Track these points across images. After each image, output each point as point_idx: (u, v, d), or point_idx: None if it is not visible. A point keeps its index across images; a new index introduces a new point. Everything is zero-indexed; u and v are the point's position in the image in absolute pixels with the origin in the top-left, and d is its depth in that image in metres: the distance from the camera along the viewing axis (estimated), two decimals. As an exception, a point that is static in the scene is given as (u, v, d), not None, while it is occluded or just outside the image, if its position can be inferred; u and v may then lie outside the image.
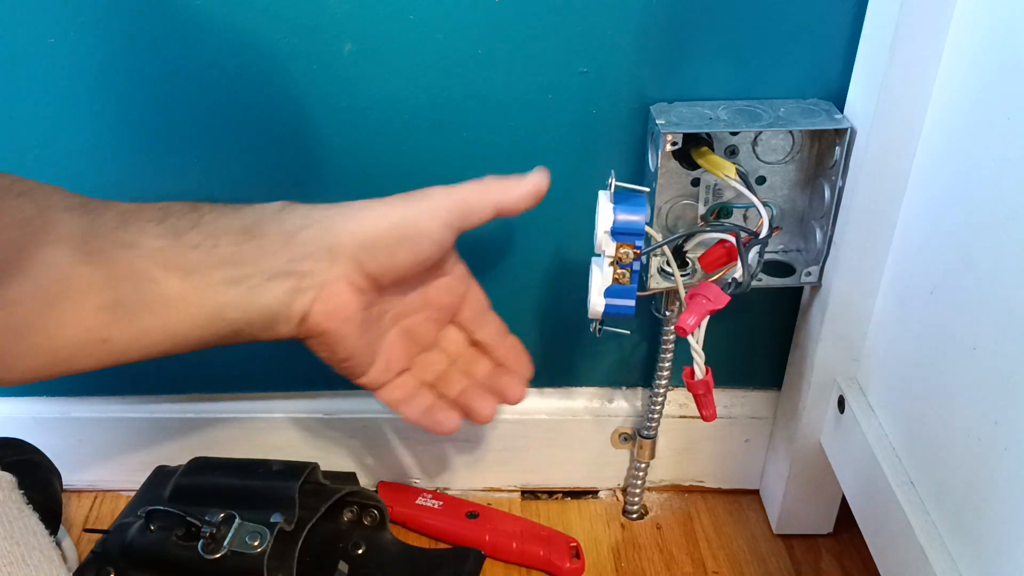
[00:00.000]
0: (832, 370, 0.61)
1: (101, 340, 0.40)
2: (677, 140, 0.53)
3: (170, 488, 0.66)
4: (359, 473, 0.73)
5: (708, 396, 0.54)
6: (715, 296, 0.49)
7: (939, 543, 0.48)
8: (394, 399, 0.50)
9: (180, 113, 0.57)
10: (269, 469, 0.66)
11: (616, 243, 0.47)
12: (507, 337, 0.52)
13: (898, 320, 0.55)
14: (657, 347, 0.64)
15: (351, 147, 0.58)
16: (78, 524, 0.74)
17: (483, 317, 0.52)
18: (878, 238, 0.55)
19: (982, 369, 0.45)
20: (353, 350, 0.45)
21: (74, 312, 0.39)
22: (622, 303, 0.48)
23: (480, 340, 0.52)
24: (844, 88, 0.55)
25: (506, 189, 0.45)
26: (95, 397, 0.72)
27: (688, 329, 0.48)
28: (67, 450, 0.71)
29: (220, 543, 0.58)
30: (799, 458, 0.66)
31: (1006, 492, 0.43)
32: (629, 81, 0.56)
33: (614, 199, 0.47)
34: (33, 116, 0.57)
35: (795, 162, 0.58)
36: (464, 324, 0.52)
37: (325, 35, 0.54)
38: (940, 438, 0.49)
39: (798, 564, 0.69)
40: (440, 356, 0.51)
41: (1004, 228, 0.43)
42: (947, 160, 0.48)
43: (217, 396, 0.72)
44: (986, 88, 0.45)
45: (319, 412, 0.72)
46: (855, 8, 0.53)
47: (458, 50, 0.54)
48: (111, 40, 0.54)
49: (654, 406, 0.67)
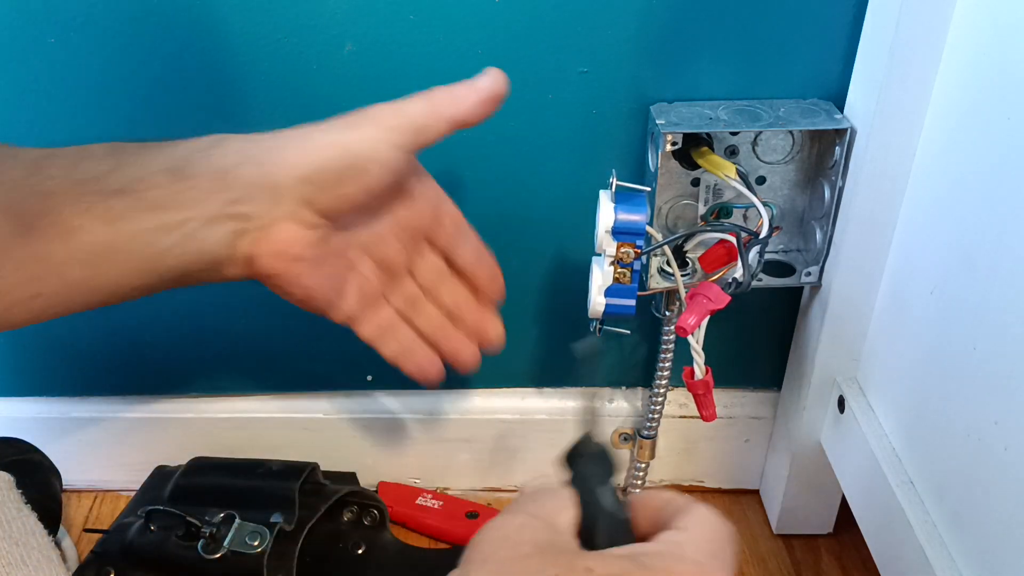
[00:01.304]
0: (832, 370, 0.61)
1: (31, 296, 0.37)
2: (677, 140, 0.53)
3: (170, 488, 0.66)
4: (359, 473, 0.73)
5: (708, 396, 0.54)
6: (716, 296, 0.49)
7: (939, 543, 0.48)
8: (371, 335, 0.46)
9: (180, 113, 0.57)
10: (269, 469, 0.66)
11: (617, 242, 0.47)
12: (484, 258, 0.48)
13: (898, 320, 0.55)
14: (657, 347, 0.64)
15: (351, 147, 0.58)
16: (78, 524, 0.74)
17: (458, 237, 0.48)
18: (878, 238, 0.55)
19: (982, 369, 0.45)
20: (309, 289, 0.42)
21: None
22: (622, 302, 0.48)
23: (456, 263, 0.48)
24: (844, 88, 0.55)
25: (457, 100, 0.42)
26: (95, 397, 0.72)
27: (689, 329, 0.48)
28: (67, 450, 0.71)
29: (220, 543, 0.58)
30: (799, 458, 0.66)
31: (1006, 492, 0.43)
32: (629, 81, 0.56)
33: (615, 198, 0.47)
34: (34, 116, 0.57)
35: (795, 162, 0.58)
36: (439, 245, 0.48)
37: (325, 35, 0.54)
38: (940, 438, 0.49)
39: (798, 564, 0.69)
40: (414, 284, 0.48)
41: (1004, 228, 0.43)
42: (947, 160, 0.48)
43: (217, 396, 0.72)
44: (986, 88, 0.45)
45: (319, 412, 0.72)
46: (855, 8, 0.53)
47: (458, 50, 0.54)
48: (111, 41, 0.54)
49: (654, 406, 0.67)
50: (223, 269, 0.40)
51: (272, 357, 0.69)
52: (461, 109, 0.42)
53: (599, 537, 0.32)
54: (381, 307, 0.46)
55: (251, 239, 0.39)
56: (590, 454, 0.38)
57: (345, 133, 0.40)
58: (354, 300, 0.44)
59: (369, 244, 0.45)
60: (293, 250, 0.40)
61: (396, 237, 0.45)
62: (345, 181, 0.40)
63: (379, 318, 0.46)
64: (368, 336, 0.46)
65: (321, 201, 0.40)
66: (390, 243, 0.45)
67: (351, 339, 0.45)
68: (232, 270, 0.40)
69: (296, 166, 0.39)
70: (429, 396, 0.71)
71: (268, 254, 0.39)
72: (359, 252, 0.45)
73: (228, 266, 0.40)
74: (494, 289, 0.48)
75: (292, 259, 0.40)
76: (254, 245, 0.39)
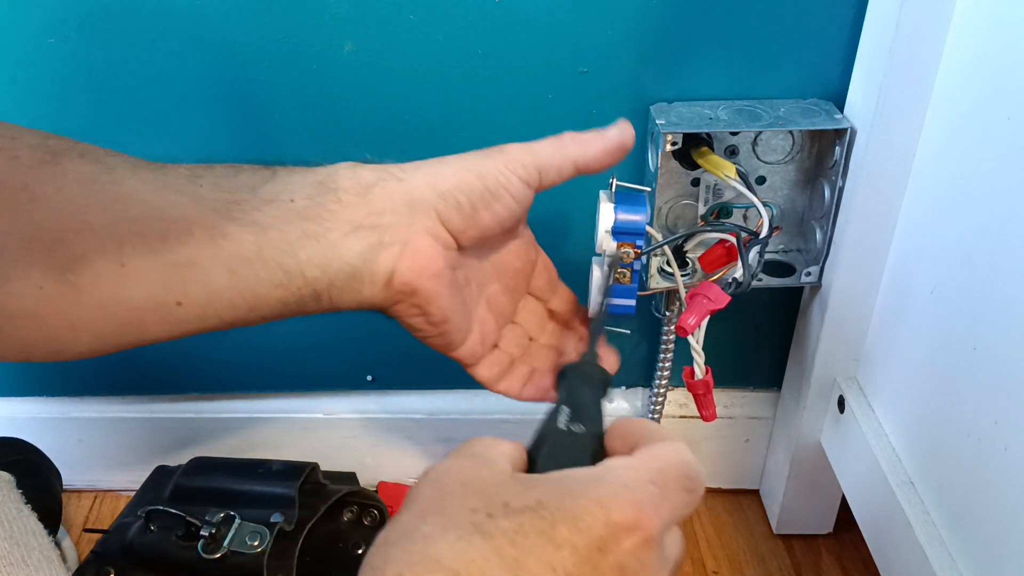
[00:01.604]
0: (832, 370, 0.61)
1: (175, 302, 0.37)
2: (677, 140, 0.53)
3: (170, 488, 0.66)
4: (359, 473, 0.73)
5: (708, 396, 0.54)
6: (716, 296, 0.49)
7: (939, 543, 0.48)
8: (492, 375, 0.46)
9: (179, 114, 0.57)
10: (269, 469, 0.66)
11: (617, 242, 0.47)
12: (579, 307, 0.50)
13: (898, 320, 0.55)
14: (657, 347, 0.64)
15: (351, 147, 0.58)
16: (78, 524, 0.74)
17: (555, 284, 0.49)
18: (878, 238, 0.55)
19: (982, 369, 0.45)
20: (448, 312, 0.42)
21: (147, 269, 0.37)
22: (623, 303, 0.48)
23: (554, 309, 0.49)
24: (844, 88, 0.55)
25: (584, 145, 0.43)
26: (95, 397, 0.72)
27: (689, 329, 0.48)
28: (67, 450, 0.71)
29: (220, 543, 0.58)
30: (799, 458, 0.66)
31: (1006, 492, 0.43)
32: (629, 81, 0.56)
33: (615, 198, 0.47)
34: (34, 116, 0.57)
35: (795, 162, 0.58)
36: (537, 293, 0.49)
37: (325, 35, 0.54)
38: (940, 438, 0.49)
39: (798, 564, 0.69)
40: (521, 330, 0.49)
41: (1004, 228, 0.43)
42: (947, 160, 0.48)
43: (217, 396, 0.72)
44: (986, 88, 0.45)
45: (319, 412, 0.72)
46: (855, 8, 0.53)
47: (458, 50, 0.54)
48: (111, 41, 0.54)
49: (654, 406, 0.67)
50: (361, 287, 0.40)
51: (272, 357, 0.69)
52: (587, 154, 0.43)
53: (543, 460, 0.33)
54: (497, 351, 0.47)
55: (391, 253, 0.40)
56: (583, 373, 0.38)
57: (481, 162, 0.41)
58: (478, 338, 0.45)
59: (482, 284, 0.46)
60: (434, 266, 0.41)
61: (503, 279, 0.47)
62: (479, 206, 0.41)
63: (498, 361, 0.47)
64: (488, 378, 0.46)
65: (455, 221, 0.41)
66: (498, 285, 0.47)
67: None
68: (370, 289, 0.40)
69: (435, 184, 0.40)
70: (429, 396, 0.71)
71: (409, 269, 0.40)
72: (477, 291, 0.46)
73: (367, 283, 0.40)
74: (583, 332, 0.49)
75: (433, 275, 0.41)
76: (395, 260, 0.40)
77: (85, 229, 0.35)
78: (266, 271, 0.38)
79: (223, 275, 0.38)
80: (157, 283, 0.37)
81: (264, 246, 0.38)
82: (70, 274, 0.35)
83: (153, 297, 0.37)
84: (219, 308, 0.39)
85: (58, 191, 0.35)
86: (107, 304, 0.37)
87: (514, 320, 0.49)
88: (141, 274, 0.37)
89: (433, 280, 0.41)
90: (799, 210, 0.60)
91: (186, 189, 0.38)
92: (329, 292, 0.40)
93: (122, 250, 0.36)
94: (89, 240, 0.36)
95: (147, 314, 0.37)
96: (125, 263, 0.36)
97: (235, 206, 0.38)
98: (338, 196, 0.39)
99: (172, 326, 0.38)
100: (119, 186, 0.37)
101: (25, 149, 0.35)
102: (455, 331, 0.44)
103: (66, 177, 0.36)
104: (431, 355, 0.50)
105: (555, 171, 0.42)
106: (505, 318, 0.48)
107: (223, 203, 0.38)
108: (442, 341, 0.44)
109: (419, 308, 0.41)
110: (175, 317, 0.38)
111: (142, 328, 0.38)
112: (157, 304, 0.37)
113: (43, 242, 0.35)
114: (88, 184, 0.36)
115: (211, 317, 0.39)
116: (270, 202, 0.39)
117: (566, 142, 0.43)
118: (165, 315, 0.38)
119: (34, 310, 0.35)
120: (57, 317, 0.36)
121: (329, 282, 0.40)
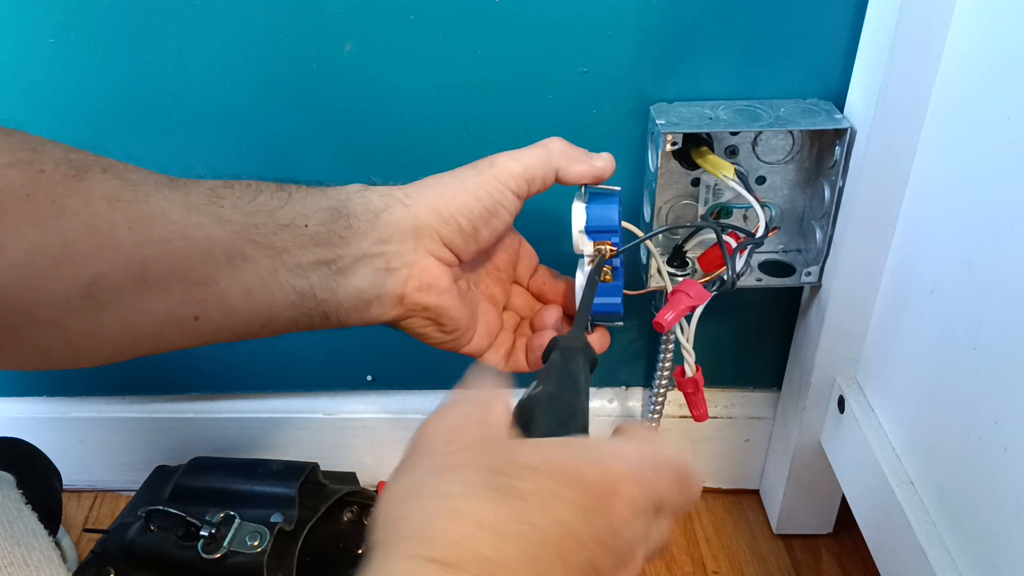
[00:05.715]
0: (832, 370, 0.61)
1: (193, 317, 0.39)
2: (677, 140, 0.53)
3: (170, 488, 0.66)
4: (359, 473, 0.73)
5: (698, 395, 0.54)
6: (696, 293, 0.49)
7: (939, 543, 0.48)
8: (499, 357, 0.50)
9: (179, 114, 0.57)
10: (269, 469, 0.66)
11: (592, 241, 0.47)
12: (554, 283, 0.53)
13: (898, 320, 0.55)
14: (657, 347, 0.64)
15: (351, 147, 0.58)
16: (78, 524, 0.74)
17: (536, 268, 0.53)
18: (878, 238, 0.55)
19: (982, 369, 0.45)
20: (458, 321, 0.45)
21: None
22: (608, 301, 0.48)
23: (535, 288, 0.52)
24: (844, 88, 0.55)
25: (571, 159, 0.45)
26: (95, 397, 0.72)
27: (666, 325, 0.48)
28: (67, 450, 0.71)
29: (220, 543, 0.58)
30: (799, 458, 0.66)
31: (1006, 492, 0.43)
32: (629, 81, 0.56)
33: (587, 199, 0.47)
34: (34, 116, 0.57)
35: (795, 162, 0.58)
36: (521, 279, 0.52)
37: (325, 35, 0.54)
38: (940, 438, 0.49)
39: (798, 564, 0.69)
40: (514, 314, 0.52)
41: (1004, 228, 0.43)
42: (947, 160, 0.48)
43: (217, 396, 0.72)
44: (986, 88, 0.45)
45: (319, 412, 0.72)
46: (855, 8, 0.53)
47: (458, 50, 0.54)
48: (111, 41, 0.54)
49: (654, 406, 0.67)
50: (369, 309, 0.43)
51: (272, 357, 0.70)
52: (569, 169, 0.45)
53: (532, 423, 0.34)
54: (500, 334, 0.50)
55: (399, 277, 0.42)
56: (570, 347, 0.39)
57: (475, 179, 0.44)
58: (484, 333, 0.48)
59: (478, 283, 0.49)
60: (440, 283, 0.43)
61: (495, 273, 0.50)
62: (479, 225, 0.43)
63: (502, 343, 0.50)
64: (495, 361, 0.50)
65: (457, 242, 0.43)
66: (491, 279, 0.50)
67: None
68: (378, 310, 0.43)
69: (436, 208, 0.43)
70: (429, 396, 0.71)
71: (418, 289, 0.43)
72: (477, 290, 0.49)
73: (375, 305, 0.43)
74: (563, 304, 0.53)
75: (441, 292, 0.44)
76: (404, 284, 0.43)
77: (112, 246, 0.37)
78: (280, 292, 0.40)
79: (240, 295, 0.40)
80: (178, 300, 0.38)
81: (279, 269, 0.40)
82: (95, 288, 0.37)
83: (173, 312, 0.39)
84: (234, 324, 0.40)
85: (85, 207, 0.36)
86: (128, 316, 0.38)
87: (510, 304, 0.52)
88: (163, 291, 0.38)
89: (442, 296, 0.44)
90: (799, 210, 0.60)
91: (208, 210, 0.39)
92: (337, 312, 0.42)
93: (146, 267, 0.37)
94: (115, 256, 0.37)
95: (166, 327, 0.39)
96: (148, 280, 0.38)
97: (254, 229, 0.40)
98: (349, 223, 0.42)
99: (188, 338, 0.40)
100: (144, 204, 0.38)
101: (50, 163, 0.36)
102: (464, 333, 0.47)
103: (92, 194, 0.37)
104: (431, 355, 0.50)
105: (540, 181, 0.45)
106: (501, 305, 0.51)
107: (243, 226, 0.40)
108: (453, 344, 0.47)
109: (431, 320, 0.45)
110: (192, 330, 0.40)
111: (159, 339, 0.40)
112: (176, 318, 0.39)
113: (71, 257, 0.36)
114: (114, 201, 0.37)
115: (225, 331, 0.41)
116: (286, 226, 0.41)
117: (552, 150, 0.45)
118: (182, 328, 0.39)
119: (58, 320, 0.36)
120: (79, 327, 0.37)
121: (338, 304, 0.42)
